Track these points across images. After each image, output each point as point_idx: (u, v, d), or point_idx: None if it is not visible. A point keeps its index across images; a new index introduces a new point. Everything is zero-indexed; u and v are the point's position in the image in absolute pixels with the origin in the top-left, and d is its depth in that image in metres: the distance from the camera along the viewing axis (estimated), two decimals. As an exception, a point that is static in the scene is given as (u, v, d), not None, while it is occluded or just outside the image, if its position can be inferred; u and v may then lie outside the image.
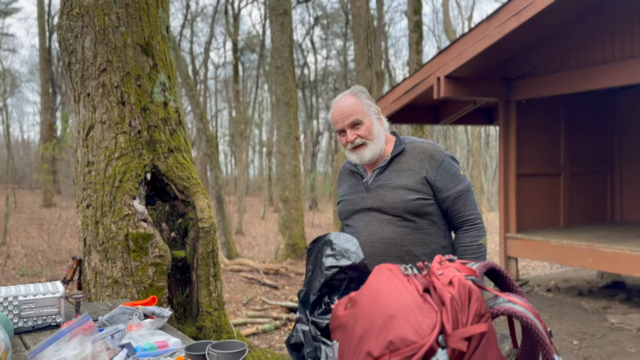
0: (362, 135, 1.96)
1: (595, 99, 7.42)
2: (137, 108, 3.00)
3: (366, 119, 1.97)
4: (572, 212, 7.29)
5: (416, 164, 1.96)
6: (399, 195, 1.93)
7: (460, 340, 1.07)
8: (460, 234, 1.99)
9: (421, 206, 1.93)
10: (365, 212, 1.99)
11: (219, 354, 1.45)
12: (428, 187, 1.94)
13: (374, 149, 1.97)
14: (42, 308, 2.03)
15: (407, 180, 1.94)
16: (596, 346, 4.52)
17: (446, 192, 1.94)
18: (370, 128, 1.97)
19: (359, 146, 1.97)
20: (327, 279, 1.42)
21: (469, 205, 1.97)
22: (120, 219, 2.85)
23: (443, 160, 1.96)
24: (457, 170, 1.98)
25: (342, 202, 2.11)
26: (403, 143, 2.03)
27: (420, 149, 2.00)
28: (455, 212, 1.97)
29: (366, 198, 2.00)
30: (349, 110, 1.96)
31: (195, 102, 11.72)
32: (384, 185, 1.97)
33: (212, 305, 3.14)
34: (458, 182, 1.96)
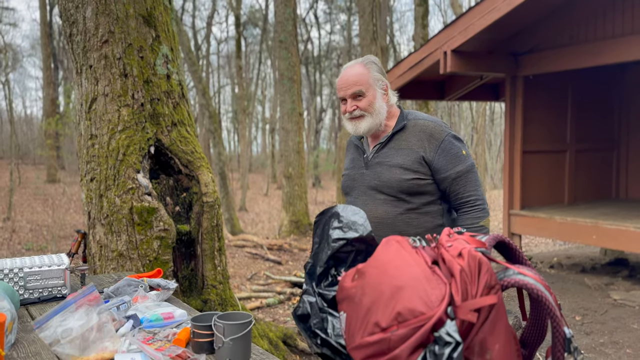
0: (362, 107, 1.93)
1: (604, 75, 7.31)
2: (139, 80, 2.96)
3: (369, 92, 1.93)
4: (577, 189, 7.26)
5: (415, 143, 1.92)
6: (394, 174, 1.91)
7: (469, 311, 1.06)
8: (460, 215, 1.95)
9: (417, 186, 1.89)
10: (363, 190, 1.99)
11: (225, 325, 1.45)
12: (426, 167, 1.90)
13: (371, 123, 1.94)
14: (47, 280, 2.04)
15: (403, 159, 1.91)
16: (598, 322, 4.54)
17: (444, 173, 1.90)
18: (371, 102, 1.93)
19: (357, 117, 1.94)
20: (334, 251, 1.41)
21: (469, 186, 1.91)
22: (124, 193, 2.84)
23: (444, 139, 1.91)
24: (458, 150, 1.92)
25: (344, 176, 2.12)
26: (405, 119, 1.99)
27: (421, 126, 1.95)
28: (454, 192, 1.92)
29: (364, 175, 2.00)
30: (354, 80, 1.93)
31: (198, 77, 11.61)
32: (381, 163, 1.95)
33: (217, 279, 3.15)
34: (458, 163, 1.90)
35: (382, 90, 1.97)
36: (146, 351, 1.44)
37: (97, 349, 1.46)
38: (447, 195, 1.95)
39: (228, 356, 1.45)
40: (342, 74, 1.98)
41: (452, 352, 1.00)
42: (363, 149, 2.04)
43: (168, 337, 1.58)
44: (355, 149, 2.10)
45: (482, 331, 1.09)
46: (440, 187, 1.94)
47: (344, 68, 2.00)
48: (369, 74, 1.94)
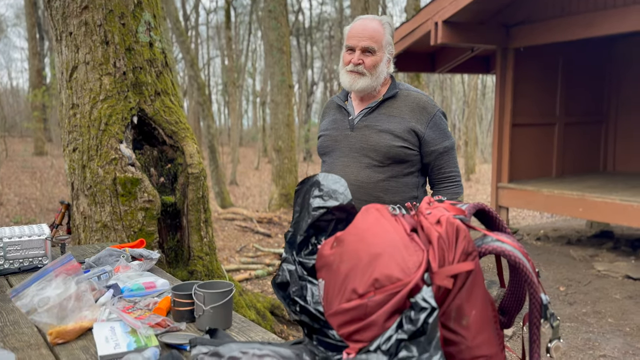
0: (367, 65, 1.89)
1: (594, 48, 7.27)
2: (121, 48, 2.88)
3: (379, 53, 1.90)
4: (565, 163, 7.30)
5: (407, 113, 1.92)
6: (383, 139, 1.89)
7: (446, 277, 1.05)
8: (439, 189, 1.99)
9: (403, 154, 1.90)
10: (346, 152, 1.95)
11: (206, 294, 1.44)
12: (415, 137, 1.91)
13: (368, 84, 1.91)
14: (27, 250, 2.02)
15: (394, 126, 1.90)
16: (582, 292, 4.62)
17: (433, 147, 1.93)
18: (377, 63, 1.90)
19: (358, 72, 1.90)
20: (315, 219, 1.39)
21: (451, 162, 1.97)
22: (107, 163, 2.80)
23: (435, 114, 1.93)
24: (446, 126, 1.97)
25: (323, 137, 2.05)
26: (397, 87, 1.97)
27: (414, 98, 1.95)
28: (437, 167, 1.96)
29: (349, 137, 1.95)
30: (370, 34, 1.88)
31: (186, 48, 11.41)
32: (370, 127, 1.92)
33: (203, 250, 3.14)
34: (445, 138, 1.95)
35: (389, 55, 1.95)
36: (125, 320, 1.43)
37: (75, 318, 1.45)
38: (430, 168, 1.98)
39: (208, 324, 1.44)
40: (357, 23, 1.91)
41: (428, 317, 1.00)
42: (347, 110, 2.00)
43: (149, 306, 1.57)
44: (337, 109, 2.05)
45: (459, 297, 1.09)
46: (424, 160, 1.96)
47: (362, 17, 1.92)
48: (384, 34, 1.91)
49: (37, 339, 1.42)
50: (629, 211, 5.28)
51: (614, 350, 3.45)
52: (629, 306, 4.24)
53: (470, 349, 1.11)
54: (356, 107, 1.99)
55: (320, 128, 2.10)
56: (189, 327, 1.50)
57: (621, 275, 5.01)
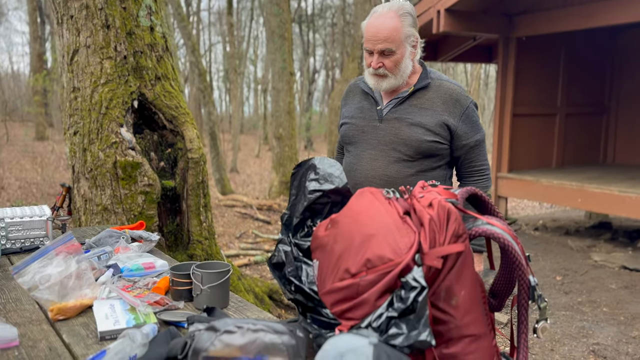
0: (388, 67, 1.80)
1: (597, 39, 7.25)
2: (122, 32, 2.89)
3: (399, 50, 1.79)
4: (565, 153, 7.31)
5: (440, 105, 1.83)
6: (415, 133, 1.82)
7: (436, 258, 1.08)
8: (468, 183, 1.94)
9: (434, 149, 1.83)
10: (373, 144, 1.87)
11: (203, 274, 1.47)
12: (447, 131, 1.84)
13: (394, 84, 1.83)
14: (29, 230, 2.05)
15: (426, 120, 1.82)
16: (578, 282, 4.66)
17: (465, 140, 1.86)
18: (398, 62, 1.80)
19: (380, 75, 1.82)
20: (310, 202, 1.42)
21: (481, 156, 1.91)
22: (107, 147, 2.82)
23: (468, 106, 1.85)
24: (477, 118, 1.89)
25: (348, 125, 1.95)
26: (429, 77, 1.88)
27: (447, 89, 1.86)
28: (468, 160, 1.90)
29: (378, 128, 1.87)
30: (386, 35, 1.76)
31: (187, 34, 11.37)
32: (400, 119, 1.84)
33: (202, 235, 3.17)
34: (477, 132, 1.88)
35: (412, 47, 1.84)
36: (125, 298, 1.46)
37: (76, 296, 1.48)
38: (459, 162, 1.91)
39: (206, 303, 1.48)
40: (373, 22, 1.79)
41: (417, 295, 1.03)
42: (375, 98, 1.91)
43: (148, 285, 1.60)
44: (363, 96, 1.96)
45: (449, 278, 1.12)
46: (454, 154, 1.90)
47: (376, 14, 1.80)
48: (402, 29, 1.78)
49: (39, 315, 1.45)
50: (627, 202, 5.31)
51: (608, 339, 3.50)
52: (624, 296, 4.28)
53: (459, 328, 1.14)
54: (384, 95, 1.90)
55: (343, 114, 2.00)
56: (187, 306, 1.53)
57: (617, 265, 5.05)
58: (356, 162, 1.89)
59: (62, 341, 1.30)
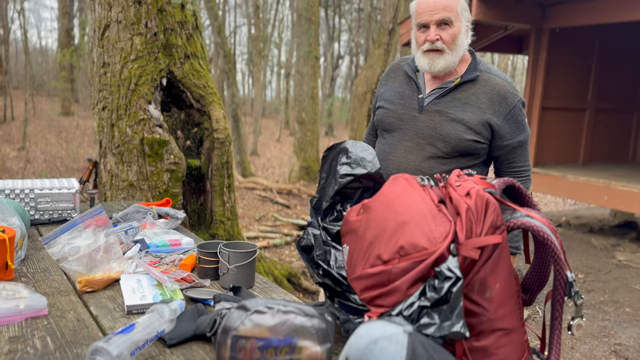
0: (446, 40, 1.67)
1: (633, 33, 7.02)
2: (153, 8, 2.88)
3: (457, 23, 1.68)
4: (593, 150, 7.14)
5: (485, 102, 1.72)
6: (455, 130, 1.71)
7: (472, 248, 1.05)
8: None
9: (473, 148, 1.73)
10: (410, 135, 1.77)
11: (230, 253, 1.47)
12: (489, 130, 1.73)
13: (450, 61, 1.70)
14: (57, 202, 2.07)
15: (469, 117, 1.71)
16: (601, 281, 4.58)
17: (507, 141, 1.75)
18: (456, 35, 1.68)
19: (436, 50, 1.69)
20: (341, 186, 1.39)
21: (524, 156, 1.81)
22: (135, 123, 2.84)
23: (515, 105, 1.74)
24: (523, 117, 1.78)
25: (385, 110, 1.83)
26: (478, 69, 1.75)
27: (494, 84, 1.74)
28: (508, 161, 1.80)
29: (417, 119, 1.76)
30: (444, 3, 1.65)
31: (214, 14, 11.34)
32: (442, 113, 1.73)
33: (225, 215, 3.18)
34: (521, 132, 1.77)
35: (467, 23, 1.72)
36: (152, 273, 1.47)
37: (103, 269, 1.49)
38: (499, 162, 1.82)
39: (232, 282, 1.48)
40: None
41: (452, 286, 1.01)
42: (418, 85, 1.79)
43: (174, 262, 1.61)
44: (406, 79, 1.83)
45: (484, 270, 1.09)
46: (493, 153, 1.80)
47: None
48: (459, 1, 1.68)
49: (67, 286, 1.47)
50: (655, 202, 5.17)
51: (630, 340, 3.43)
52: (648, 297, 4.19)
53: (492, 321, 1.11)
54: (428, 82, 1.79)
55: (382, 95, 1.88)
56: (213, 284, 1.53)
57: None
58: (390, 152, 1.81)
59: (89, 313, 1.31)
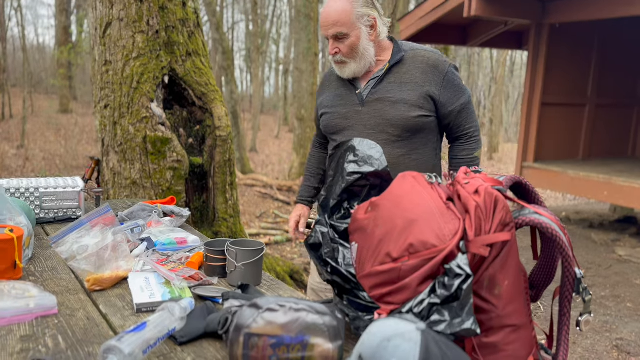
0: (344, 52, 1.74)
1: (632, 28, 7.02)
2: (155, 6, 2.88)
3: (353, 33, 1.72)
4: (593, 145, 7.15)
5: (419, 76, 1.77)
6: (400, 111, 1.75)
7: (482, 246, 1.06)
8: (457, 146, 1.89)
9: (422, 124, 1.77)
10: (359, 129, 1.80)
11: (238, 251, 1.48)
12: (431, 102, 1.77)
13: (356, 68, 1.77)
14: (62, 201, 2.07)
15: (408, 95, 1.76)
16: (601, 276, 4.59)
17: (450, 107, 1.79)
18: (354, 45, 1.73)
19: (339, 62, 1.77)
20: (349, 184, 1.40)
21: (470, 118, 1.85)
22: (138, 121, 2.83)
23: (447, 71, 1.78)
24: (460, 81, 1.82)
25: (329, 115, 1.87)
26: (402, 50, 1.80)
27: (422, 58, 1.78)
28: (456, 125, 1.84)
29: (361, 113, 1.81)
30: (335, 19, 1.71)
31: (212, 10, 11.32)
32: (382, 99, 1.78)
33: (228, 212, 3.19)
34: (461, 94, 1.81)
35: (369, 27, 1.75)
36: (160, 271, 1.47)
37: (111, 267, 1.50)
38: (449, 129, 1.86)
39: (240, 280, 1.48)
40: (324, 8, 1.74)
41: (462, 283, 1.01)
42: (353, 83, 1.84)
43: (181, 260, 1.61)
44: (340, 82, 1.88)
45: (493, 267, 1.10)
46: (443, 122, 1.84)
47: (327, 1, 1.75)
48: (352, 10, 1.71)
49: (75, 284, 1.47)
50: (656, 197, 5.19)
51: (632, 334, 3.45)
52: (649, 292, 4.21)
53: (501, 318, 1.12)
54: (360, 79, 1.84)
55: (321, 104, 1.92)
56: (220, 282, 1.54)
57: (643, 261, 4.96)
58: None
59: (99, 311, 1.32)
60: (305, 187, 2.12)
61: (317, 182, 2.09)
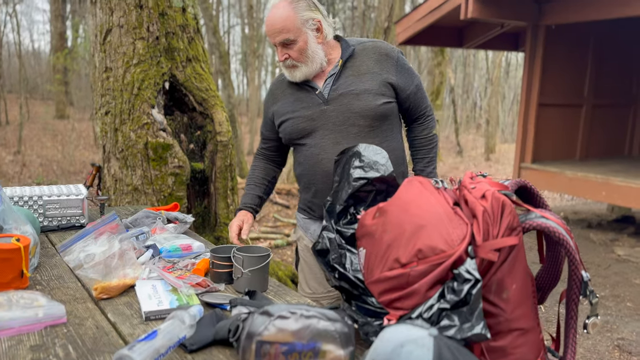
0: (294, 57, 1.74)
1: (628, 29, 7.06)
2: (155, 12, 2.88)
3: (300, 38, 1.73)
4: (590, 145, 7.18)
5: (374, 65, 1.79)
6: (366, 101, 1.76)
7: (490, 250, 1.07)
8: (415, 127, 1.93)
9: (387, 110, 1.79)
10: (330, 127, 1.79)
11: (245, 257, 1.48)
12: (391, 89, 1.80)
13: (307, 71, 1.77)
14: (66, 209, 2.07)
15: (369, 84, 1.77)
16: (601, 276, 4.61)
17: (407, 90, 1.83)
18: (303, 49, 1.74)
19: (290, 67, 1.77)
20: (355, 190, 1.41)
21: (424, 98, 1.90)
22: (139, 128, 2.84)
23: (398, 57, 1.82)
24: (409, 64, 1.87)
25: (292, 120, 1.84)
26: (351, 45, 1.82)
27: (372, 48, 1.82)
28: (413, 107, 1.88)
29: (327, 111, 1.79)
30: (280, 26, 1.71)
31: (209, 15, 11.32)
32: (346, 94, 1.77)
33: (229, 217, 3.19)
34: (414, 76, 1.86)
35: (314, 31, 1.76)
36: (167, 279, 1.48)
37: (118, 275, 1.50)
38: (409, 112, 1.90)
39: (247, 286, 1.49)
40: (268, 16, 1.74)
41: (471, 288, 1.02)
42: (309, 85, 1.82)
43: (187, 267, 1.62)
44: (295, 87, 1.86)
45: (501, 271, 1.11)
46: (402, 106, 1.87)
47: (270, 5, 1.75)
48: (295, 16, 1.71)
49: (82, 293, 1.48)
50: (653, 197, 5.22)
51: (632, 334, 3.46)
52: (649, 291, 4.23)
53: (509, 322, 1.13)
54: (315, 79, 1.83)
55: (277, 112, 1.89)
56: (227, 288, 1.54)
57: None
58: (319, 152, 1.80)
59: (107, 320, 1.32)
60: (249, 195, 2.03)
61: (262, 192, 2.04)
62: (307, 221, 1.99)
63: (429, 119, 1.93)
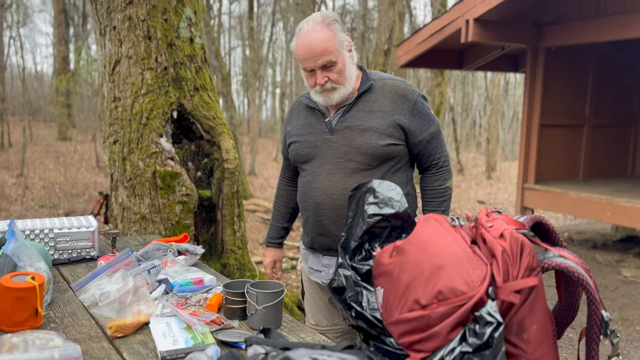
0: (333, 79, 1.72)
1: (628, 50, 7.13)
2: (163, 43, 2.92)
3: (339, 59, 1.72)
4: (593, 165, 7.20)
5: (388, 105, 1.77)
6: (368, 139, 1.74)
7: (511, 292, 1.07)
8: (428, 176, 1.89)
9: (391, 152, 1.76)
10: (328, 158, 1.79)
11: (259, 293, 1.48)
12: (400, 131, 1.77)
13: (344, 93, 1.75)
14: (76, 241, 2.07)
15: (377, 123, 1.75)
16: (609, 298, 4.58)
17: (420, 136, 1.79)
18: (342, 70, 1.73)
19: (328, 90, 1.74)
20: (370, 226, 1.41)
21: (439, 147, 1.85)
22: (147, 157, 2.85)
23: (416, 100, 1.78)
24: (429, 110, 1.83)
25: (297, 143, 1.86)
26: (371, 79, 1.81)
27: (391, 87, 1.79)
28: (426, 155, 1.85)
29: (330, 141, 1.79)
30: (322, 49, 1.68)
31: (211, 38, 11.45)
32: (351, 127, 1.76)
33: (236, 244, 3.19)
34: (430, 124, 1.82)
35: (349, 51, 1.76)
36: (181, 316, 1.47)
37: (132, 312, 1.49)
38: (419, 158, 1.87)
39: (261, 323, 1.48)
40: (302, 39, 1.70)
41: (494, 331, 1.02)
42: (321, 111, 1.82)
43: (200, 302, 1.61)
44: (309, 111, 1.86)
45: (521, 312, 1.11)
46: (412, 152, 1.84)
47: (303, 31, 1.71)
48: (334, 37, 1.70)
49: (97, 331, 1.47)
50: (658, 217, 5.21)
51: (643, 359, 3.43)
52: (657, 314, 4.20)
53: (530, 363, 1.12)
54: (330, 107, 1.82)
55: (289, 133, 1.91)
56: (241, 324, 1.53)
57: (648, 282, 4.95)
58: (313, 180, 1.81)
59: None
60: (274, 228, 2.11)
61: (285, 222, 2.09)
62: (305, 252, 2.01)
63: (442, 170, 1.87)
